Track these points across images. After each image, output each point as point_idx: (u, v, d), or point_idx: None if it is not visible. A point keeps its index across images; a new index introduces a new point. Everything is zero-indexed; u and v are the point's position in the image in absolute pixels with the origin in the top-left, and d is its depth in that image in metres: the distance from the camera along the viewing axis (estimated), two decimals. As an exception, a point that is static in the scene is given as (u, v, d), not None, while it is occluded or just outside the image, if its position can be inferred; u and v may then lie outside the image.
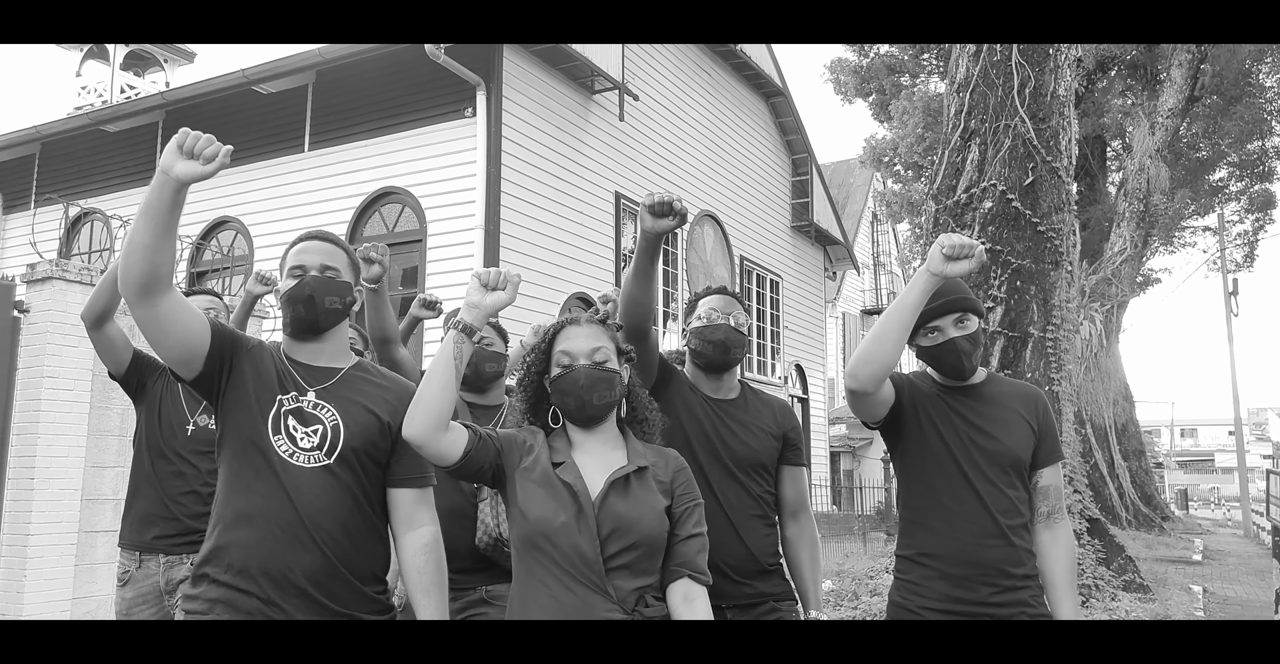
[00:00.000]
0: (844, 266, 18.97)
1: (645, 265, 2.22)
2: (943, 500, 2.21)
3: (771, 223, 15.36)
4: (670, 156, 12.23)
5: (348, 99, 9.92)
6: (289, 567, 1.88)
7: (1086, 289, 15.53)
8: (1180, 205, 18.22)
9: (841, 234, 17.72)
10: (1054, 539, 2.23)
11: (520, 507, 1.86)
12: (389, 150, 9.63)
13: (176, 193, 1.79)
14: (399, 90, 9.60)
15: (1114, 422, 16.39)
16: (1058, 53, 7.66)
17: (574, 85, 10.38)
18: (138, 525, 3.01)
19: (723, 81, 13.89)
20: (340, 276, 2.09)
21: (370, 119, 9.80)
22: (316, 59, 9.48)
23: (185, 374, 1.98)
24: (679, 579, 1.89)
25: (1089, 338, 14.84)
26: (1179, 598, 7.25)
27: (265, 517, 1.90)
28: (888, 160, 22.83)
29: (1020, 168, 7.36)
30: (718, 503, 2.40)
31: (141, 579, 2.97)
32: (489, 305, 1.86)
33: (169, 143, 1.78)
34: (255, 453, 1.95)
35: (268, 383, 2.00)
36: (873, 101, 22.70)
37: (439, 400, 1.79)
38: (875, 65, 22.27)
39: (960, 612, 2.14)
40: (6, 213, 12.62)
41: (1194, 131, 18.57)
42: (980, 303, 2.29)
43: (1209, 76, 16.43)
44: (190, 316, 1.93)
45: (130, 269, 1.79)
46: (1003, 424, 2.23)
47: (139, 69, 17.23)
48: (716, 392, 2.54)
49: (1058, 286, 7.30)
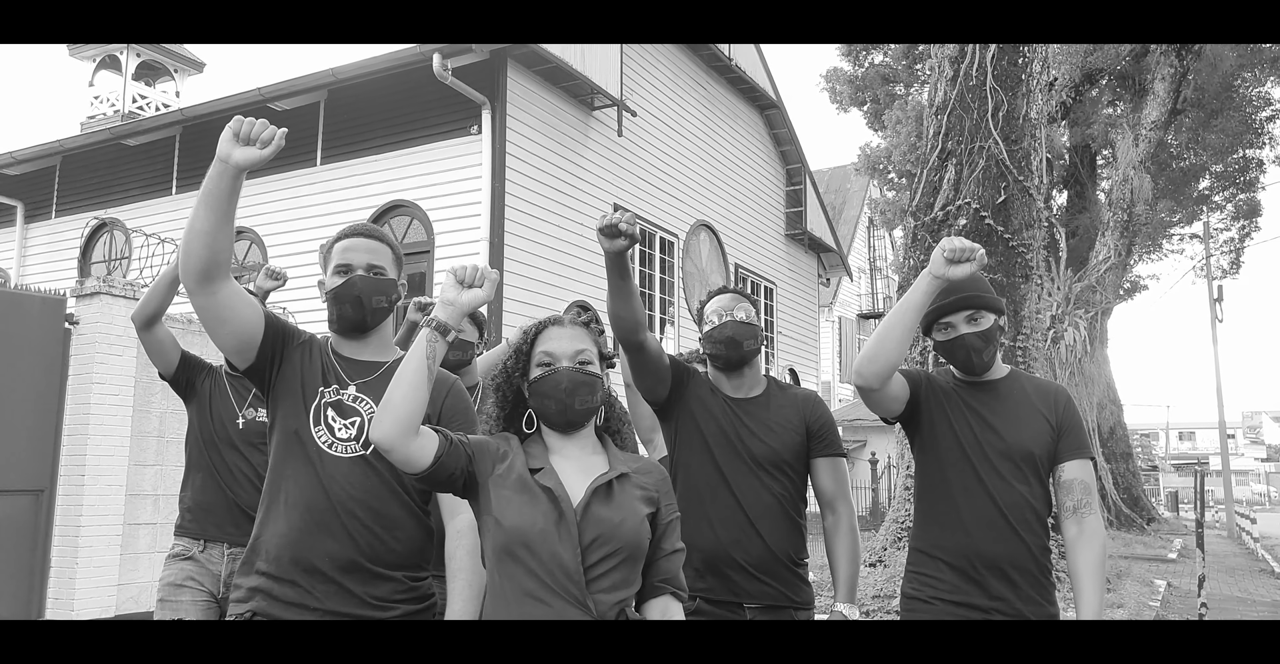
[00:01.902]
0: (837, 273, 19.43)
1: (616, 281, 2.24)
2: (953, 494, 2.23)
3: (766, 231, 15.84)
4: (667, 169, 12.71)
5: (358, 116, 10.39)
6: (318, 555, 1.91)
7: (1071, 296, 16.00)
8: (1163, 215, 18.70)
9: (835, 241, 18.19)
10: (1080, 533, 2.19)
11: (495, 514, 1.75)
12: (398, 165, 10.11)
13: (235, 179, 1.83)
14: (408, 108, 10.08)
15: (1099, 425, 16.85)
16: (1029, 78, 8.14)
17: (574, 102, 10.86)
18: (200, 515, 3.07)
19: (718, 95, 14.37)
20: (386, 274, 2.11)
21: (380, 135, 10.28)
22: (329, 78, 9.95)
23: (240, 363, 2.02)
24: (659, 595, 1.82)
25: (1073, 344, 15.30)
26: (1136, 590, 7.73)
27: (300, 505, 1.95)
28: (882, 168, 23.23)
29: (993, 187, 7.84)
30: (735, 501, 2.41)
31: (204, 561, 3.02)
32: (465, 303, 1.78)
33: (224, 131, 1.80)
34: (296, 443, 1.99)
35: (313, 376, 2.04)
36: (867, 110, 23.11)
37: (410, 402, 1.69)
38: (869, 75, 22.66)
39: (970, 604, 2.16)
40: (28, 222, 13.09)
41: (1178, 143, 19.06)
42: (999, 300, 2.30)
43: (1191, 89, 16.92)
44: (247, 307, 1.97)
45: (191, 256, 1.83)
46: (1016, 419, 2.24)
47: (150, 79, 17.69)
48: (738, 390, 2.55)
49: (1028, 299, 7.78)
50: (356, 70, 9.76)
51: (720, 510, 2.41)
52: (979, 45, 8.14)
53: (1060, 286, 16.22)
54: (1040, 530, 2.21)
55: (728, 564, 2.37)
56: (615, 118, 11.38)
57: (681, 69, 13.37)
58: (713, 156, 14.03)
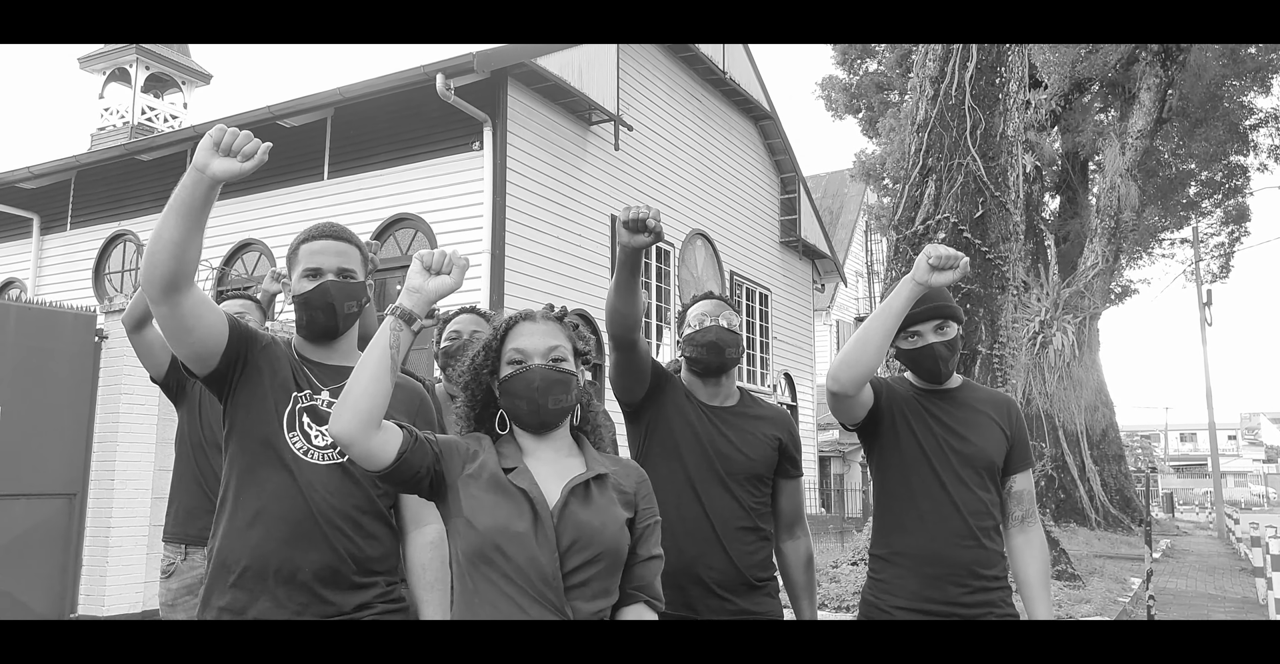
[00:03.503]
0: (832, 279, 19.81)
1: (626, 278, 2.20)
2: (917, 500, 2.22)
3: (760, 239, 16.22)
4: (663, 181, 13.10)
5: (364, 133, 10.79)
6: (297, 565, 1.86)
7: (1059, 302, 16.38)
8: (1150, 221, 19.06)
9: (829, 248, 18.56)
10: (1028, 542, 2.25)
11: (467, 516, 1.66)
12: (402, 180, 10.50)
13: (210, 190, 1.72)
14: (412, 126, 10.47)
15: (1088, 428, 17.23)
16: (1006, 97, 8.53)
17: (572, 118, 11.25)
18: (183, 519, 3.01)
19: (713, 107, 14.76)
20: (355, 277, 2.05)
21: (385, 151, 10.68)
22: (336, 97, 10.34)
23: (199, 370, 1.94)
24: (634, 603, 1.73)
25: (1061, 349, 15.68)
26: (1105, 586, 8.10)
27: (275, 515, 1.89)
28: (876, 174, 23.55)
29: (971, 202, 8.23)
30: (703, 512, 2.34)
31: (186, 571, 2.99)
32: (431, 291, 1.70)
33: (203, 139, 1.70)
34: (266, 450, 1.92)
35: (283, 380, 1.97)
36: (862, 118, 23.45)
37: (371, 395, 1.61)
38: (864, 83, 22.98)
39: (930, 611, 2.16)
40: (44, 234, 13.50)
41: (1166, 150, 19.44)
42: (961, 311, 2.34)
43: (1176, 99, 17.31)
44: (211, 313, 1.90)
45: (156, 267, 1.75)
46: (976, 427, 2.26)
47: (158, 91, 18.12)
48: (714, 398, 2.48)
49: (1004, 309, 8.16)
50: (363, 89, 10.15)
51: (686, 523, 2.32)
52: (958, 66, 8.53)
53: (1049, 292, 16.61)
54: (997, 536, 2.25)
55: (690, 580, 2.29)
56: (612, 132, 11.77)
57: (677, 83, 13.75)
58: (708, 167, 14.42)
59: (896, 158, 21.45)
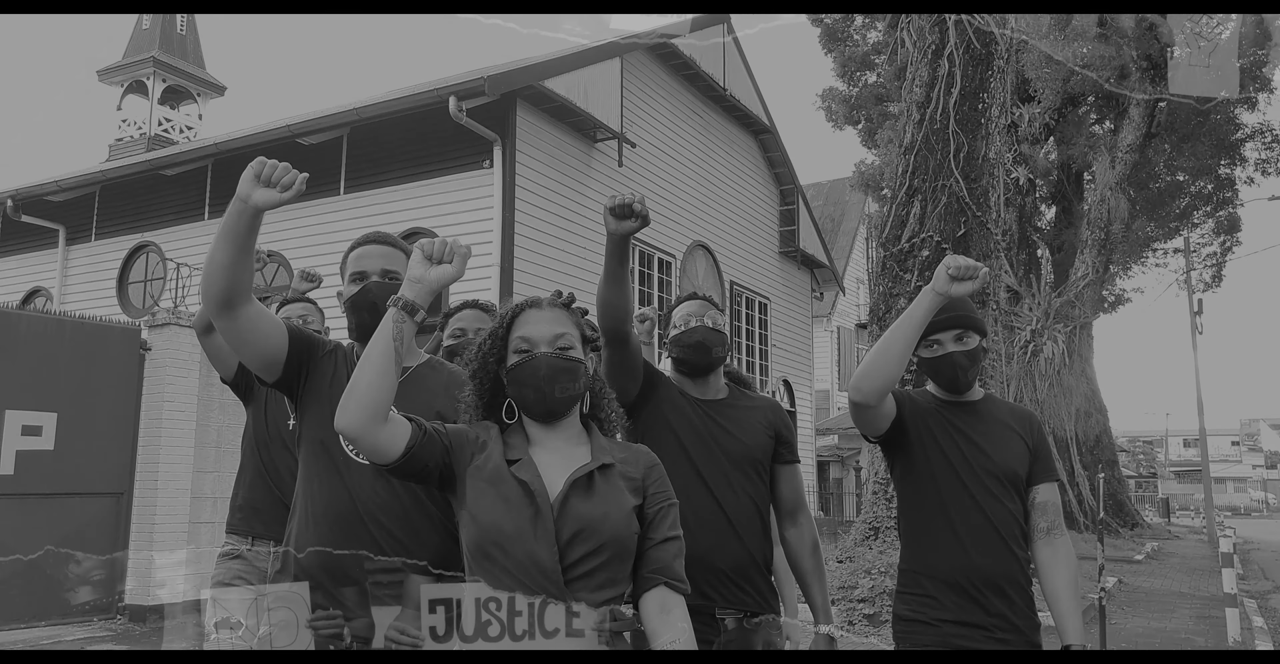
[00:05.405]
0: (830, 288, 20.27)
1: (615, 267, 2.20)
2: (948, 513, 2.21)
3: (760, 250, 16.70)
4: (665, 195, 13.60)
5: (379, 151, 11.30)
6: (345, 563, 1.91)
7: (1050, 312, 16.86)
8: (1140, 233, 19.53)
9: (827, 258, 19.04)
10: (1054, 554, 2.23)
11: (470, 510, 1.66)
12: (416, 195, 11.01)
13: (254, 218, 1.81)
14: (425, 144, 10.98)
15: (1077, 434, 17.70)
16: (988, 122, 9.03)
17: (578, 137, 11.76)
18: (249, 513, 3.09)
19: (713, 122, 15.26)
20: (401, 278, 2.05)
21: (399, 168, 11.19)
22: (353, 117, 10.86)
23: (268, 378, 2.05)
24: (654, 587, 1.68)
25: (1051, 357, 16.15)
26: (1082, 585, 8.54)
27: (328, 515, 1.97)
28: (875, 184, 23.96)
29: (954, 221, 8.73)
30: (716, 503, 2.36)
31: (252, 559, 3.04)
32: (433, 280, 1.70)
33: (245, 171, 1.79)
34: (323, 452, 2.00)
35: (340, 384, 1.92)
36: (861, 129, 23.89)
37: (376, 388, 1.60)
38: (863, 95, 23.43)
39: (972, 622, 2.15)
40: (69, 245, 14.03)
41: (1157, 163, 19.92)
42: (983, 322, 2.34)
43: (1164, 115, 17.79)
44: (269, 325, 1.98)
45: (211, 287, 1.85)
46: (999, 439, 2.26)
47: (174, 102, 18.68)
48: (705, 394, 2.52)
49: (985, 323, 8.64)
50: (378, 110, 10.67)
51: (699, 512, 2.31)
52: (943, 92, 9.02)
53: (1040, 302, 17.09)
54: (1025, 546, 2.25)
55: (705, 569, 2.27)
56: (616, 149, 12.28)
57: (678, 100, 14.26)
58: (709, 181, 14.92)
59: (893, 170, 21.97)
